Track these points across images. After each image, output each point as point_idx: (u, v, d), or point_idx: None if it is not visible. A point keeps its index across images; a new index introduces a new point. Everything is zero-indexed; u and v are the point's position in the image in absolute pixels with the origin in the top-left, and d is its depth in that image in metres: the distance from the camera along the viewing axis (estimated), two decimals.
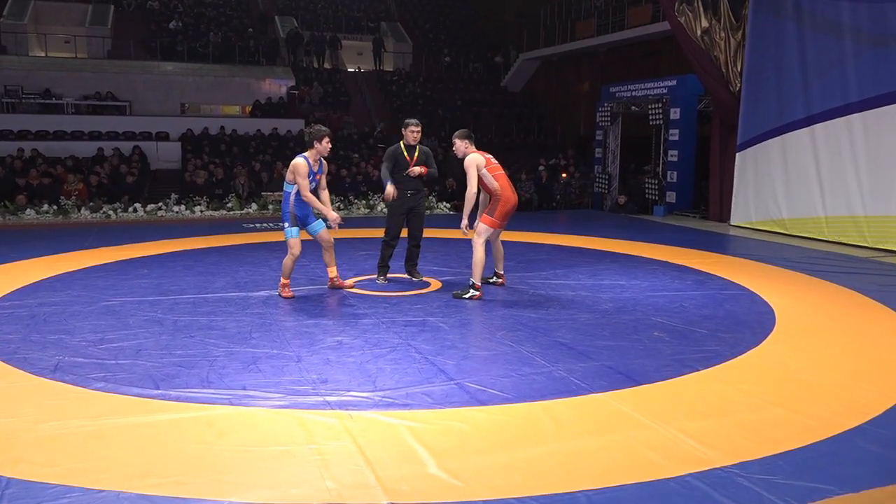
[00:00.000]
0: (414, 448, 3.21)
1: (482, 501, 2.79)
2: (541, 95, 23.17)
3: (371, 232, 10.13)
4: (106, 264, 7.77)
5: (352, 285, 6.71)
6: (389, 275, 7.05)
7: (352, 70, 23.67)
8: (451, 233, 9.73)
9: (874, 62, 9.40)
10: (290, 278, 6.33)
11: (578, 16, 20.60)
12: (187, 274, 7.27)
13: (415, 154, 6.79)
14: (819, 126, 10.27)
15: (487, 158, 6.32)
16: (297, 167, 5.96)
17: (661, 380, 4.19)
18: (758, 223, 11.45)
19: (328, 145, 6.10)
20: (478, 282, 6.23)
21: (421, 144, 6.91)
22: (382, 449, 3.20)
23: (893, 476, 3.03)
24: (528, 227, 10.97)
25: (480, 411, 3.66)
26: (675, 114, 13.42)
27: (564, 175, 16.19)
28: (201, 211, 12.77)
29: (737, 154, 11.97)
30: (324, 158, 6.19)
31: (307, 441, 3.28)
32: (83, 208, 12.24)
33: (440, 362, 4.45)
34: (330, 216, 6.11)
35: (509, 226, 6.73)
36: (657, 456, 3.16)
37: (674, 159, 13.57)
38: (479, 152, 6.33)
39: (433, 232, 8.29)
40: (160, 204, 12.78)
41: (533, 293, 6.53)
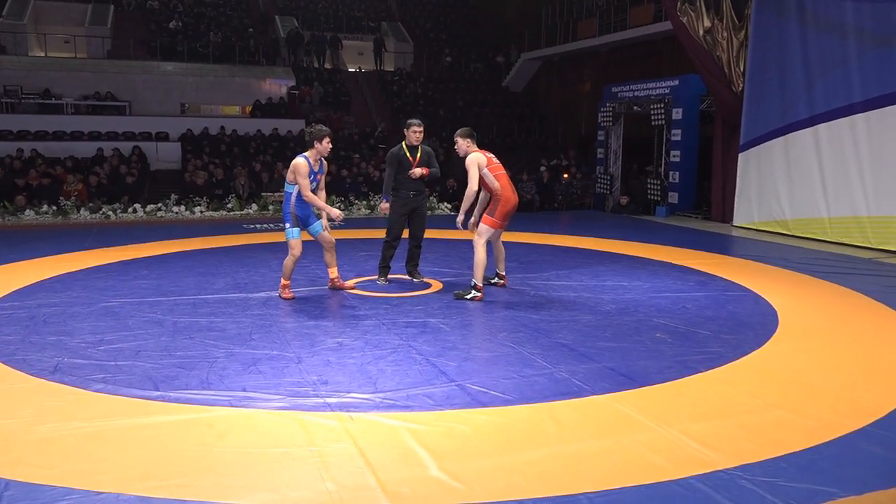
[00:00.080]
0: (415, 450, 3.21)
1: None
2: (542, 95, 23.18)
3: (372, 233, 10.13)
4: (105, 265, 7.77)
5: (352, 286, 6.71)
6: (390, 276, 7.05)
7: (352, 70, 23.69)
8: (453, 233, 9.72)
9: (878, 62, 9.39)
10: (291, 279, 6.33)
11: (580, 15, 20.60)
12: (187, 275, 7.27)
13: (417, 154, 6.80)
14: (822, 126, 10.26)
15: (489, 158, 6.31)
16: (298, 167, 5.96)
17: (664, 381, 4.19)
18: (761, 224, 11.44)
19: (329, 145, 6.10)
20: (479, 283, 6.23)
21: (423, 145, 6.92)
22: (383, 451, 3.20)
23: None
24: (530, 228, 10.97)
25: (482, 413, 3.66)
26: (678, 114, 13.41)
27: (566, 175, 16.20)
28: (201, 212, 12.78)
29: (739, 154, 11.96)
30: (324, 158, 6.21)
31: (307, 443, 3.28)
32: (83, 209, 12.25)
33: (441, 364, 4.45)
34: (332, 213, 6.11)
35: (511, 227, 6.73)
36: (659, 458, 3.16)
37: (676, 160, 13.57)
38: (481, 151, 6.33)
39: (434, 233, 8.29)
40: (160, 204, 12.78)
41: (534, 294, 6.53)
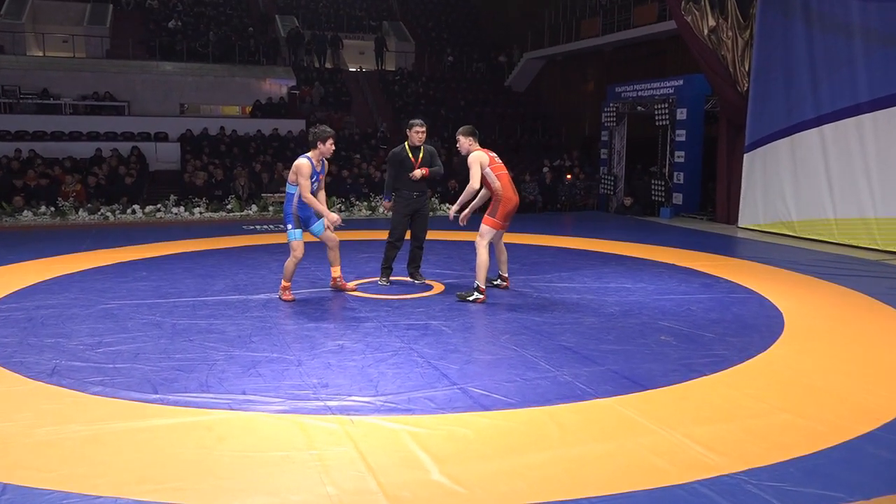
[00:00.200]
0: (416, 454, 3.21)
1: None
2: (545, 95, 23.19)
3: (373, 234, 10.13)
4: (104, 266, 7.78)
5: (353, 288, 6.71)
6: (392, 277, 7.05)
7: (353, 70, 23.72)
8: (455, 234, 9.72)
9: (884, 62, 9.38)
10: (291, 281, 6.33)
11: (583, 14, 20.62)
12: (186, 276, 7.27)
13: (419, 155, 6.81)
14: (828, 126, 10.25)
15: (491, 157, 6.31)
16: (300, 167, 5.95)
17: (668, 385, 4.18)
18: (766, 225, 11.43)
19: (332, 147, 6.10)
20: (482, 284, 6.22)
21: (425, 145, 6.92)
22: (384, 454, 3.20)
23: None
24: (533, 229, 10.97)
25: (484, 416, 3.66)
26: (682, 114, 13.40)
27: (569, 176, 16.20)
28: (200, 213, 12.79)
29: (745, 155, 11.95)
30: (325, 159, 6.21)
31: (308, 446, 3.28)
32: (81, 210, 12.26)
33: (443, 366, 4.44)
34: (329, 217, 6.09)
35: (513, 228, 6.74)
36: (664, 462, 3.16)
37: (680, 160, 13.56)
38: (484, 150, 6.33)
39: (436, 234, 8.29)
40: (159, 205, 12.79)
41: (537, 296, 6.52)
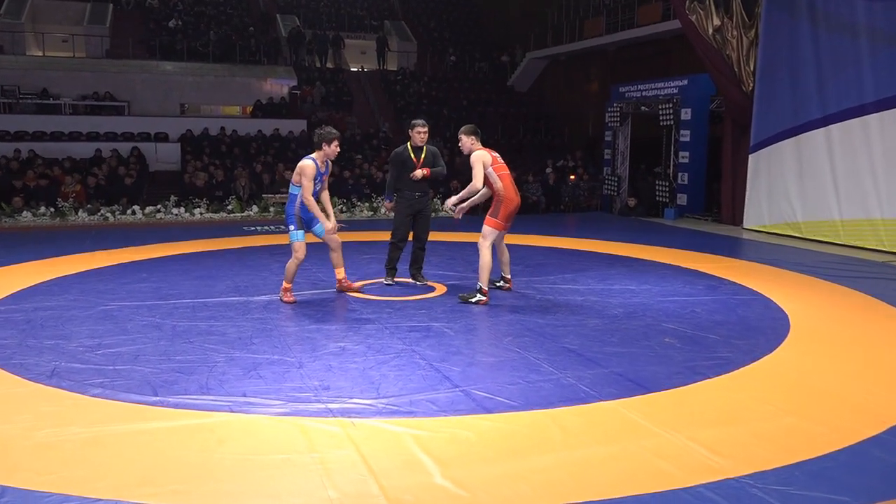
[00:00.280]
0: (418, 457, 3.21)
1: None
2: (548, 95, 23.18)
3: (374, 235, 10.14)
4: (104, 268, 7.79)
5: (360, 288, 6.70)
6: (395, 278, 7.08)
7: (355, 69, 23.74)
8: (457, 236, 9.73)
9: (891, 62, 9.37)
10: (293, 282, 6.33)
11: (587, 14, 20.62)
12: (186, 278, 7.28)
13: (422, 155, 6.82)
14: (835, 127, 10.24)
15: (494, 157, 6.31)
16: (305, 168, 5.95)
17: (672, 387, 4.18)
18: (771, 226, 11.42)
19: (337, 149, 6.12)
20: (485, 286, 6.22)
21: (428, 145, 6.93)
22: (386, 458, 3.20)
23: None
24: (536, 231, 10.96)
25: (486, 419, 3.66)
26: (687, 114, 13.39)
27: (572, 177, 16.19)
28: (201, 213, 12.80)
29: (750, 155, 11.94)
30: (330, 161, 6.22)
31: (309, 449, 3.28)
32: (80, 210, 12.28)
33: (445, 369, 4.45)
34: (326, 225, 6.07)
35: (516, 229, 6.74)
36: (668, 465, 3.16)
37: (685, 161, 13.54)
38: (486, 150, 6.34)
39: (438, 235, 8.29)
40: (159, 206, 12.81)
41: (540, 298, 6.52)
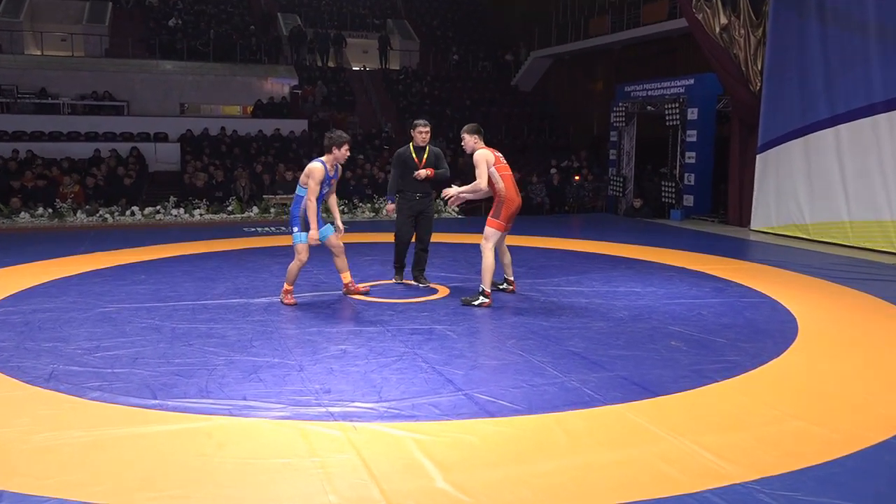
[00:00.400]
0: (420, 461, 3.21)
1: None
2: (553, 95, 23.19)
3: (376, 236, 10.14)
4: (102, 269, 7.80)
5: (367, 290, 6.71)
6: (395, 282, 7.11)
7: (357, 69, 23.77)
8: (460, 237, 9.73)
9: None
10: (294, 284, 6.34)
11: (592, 12, 20.63)
12: (186, 280, 7.29)
13: (424, 155, 6.83)
14: (843, 126, 10.22)
15: (497, 157, 6.32)
16: (313, 171, 5.98)
17: (679, 391, 4.17)
18: (779, 228, 11.40)
19: (347, 153, 6.16)
20: (487, 288, 6.22)
21: (431, 146, 6.95)
22: (387, 462, 3.20)
23: None
24: (540, 232, 10.95)
25: (489, 423, 3.66)
26: (693, 114, 13.39)
27: (577, 177, 16.20)
28: (201, 214, 12.82)
29: (757, 156, 11.92)
30: (339, 164, 6.27)
31: (309, 453, 3.28)
32: (79, 211, 12.31)
33: (448, 372, 4.45)
34: (311, 235, 6.00)
35: (520, 230, 6.74)
36: (674, 470, 3.15)
37: (691, 161, 13.54)
38: (489, 149, 6.34)
39: (441, 236, 8.30)
40: (158, 207, 12.84)
41: (544, 300, 6.52)
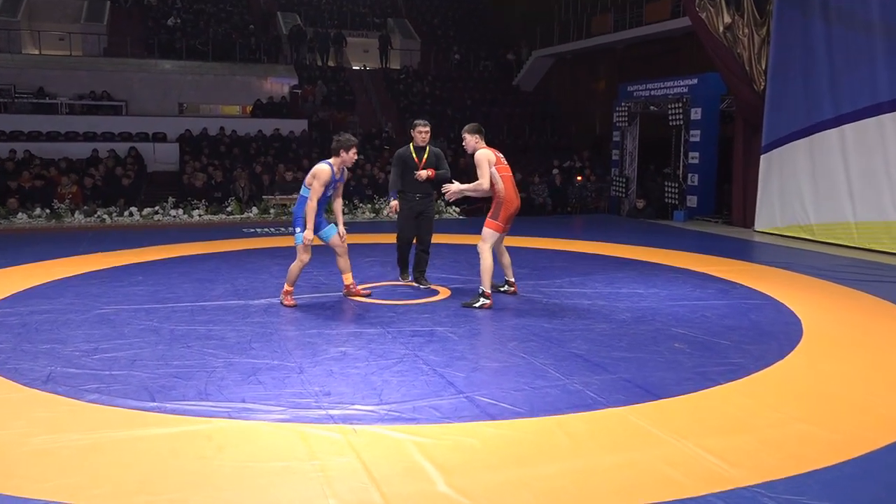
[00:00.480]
0: (421, 464, 3.21)
1: None
2: (555, 94, 23.19)
3: (376, 237, 10.14)
4: (100, 271, 7.81)
5: (368, 293, 6.71)
6: (396, 283, 7.12)
7: (357, 68, 23.78)
8: (461, 238, 9.73)
9: None
10: (294, 285, 6.34)
11: (594, 11, 20.64)
12: (185, 281, 7.30)
13: (424, 156, 6.84)
14: (848, 126, 10.22)
15: (498, 157, 6.33)
16: (320, 172, 6.02)
17: (682, 394, 4.17)
18: (784, 229, 11.39)
19: (354, 156, 6.24)
20: (487, 289, 6.22)
21: (432, 146, 6.96)
22: (388, 465, 3.20)
23: None
24: (542, 233, 10.95)
25: (491, 426, 3.66)
26: (696, 114, 13.39)
27: (579, 178, 16.19)
28: (199, 215, 12.83)
29: (761, 156, 11.92)
30: (346, 168, 6.31)
31: (309, 456, 3.29)
32: (77, 212, 12.32)
33: (449, 374, 4.45)
34: (306, 234, 6.01)
35: (521, 231, 6.74)
36: (677, 474, 3.15)
37: (695, 162, 13.54)
38: (490, 149, 6.35)
39: (442, 237, 8.30)
40: (157, 208, 12.85)
41: (546, 302, 6.52)
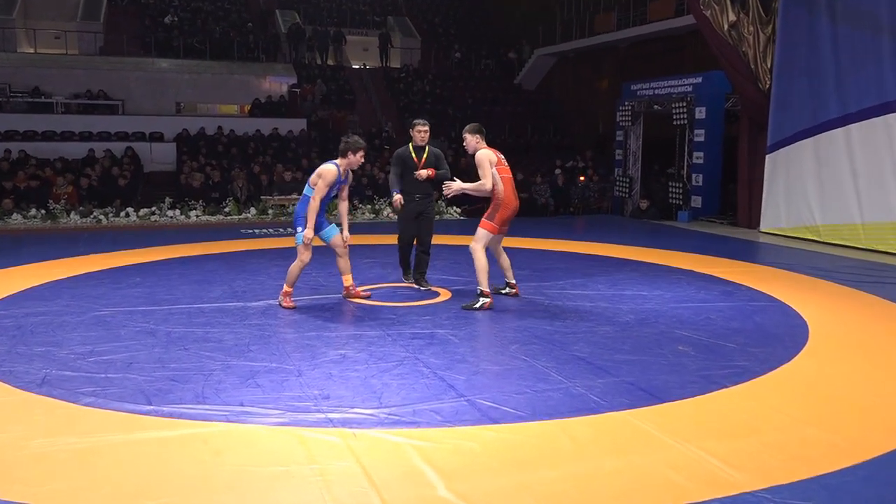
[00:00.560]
0: (421, 469, 3.21)
1: None
2: (557, 93, 23.19)
3: (376, 238, 10.14)
4: (96, 272, 7.81)
5: (368, 295, 6.72)
6: (396, 285, 7.12)
7: (357, 67, 23.79)
8: (463, 239, 9.71)
9: None
10: (294, 287, 6.33)
11: (597, 9, 20.63)
12: (182, 283, 7.30)
13: (423, 155, 6.84)
14: (855, 126, 10.22)
15: (499, 158, 6.34)
16: (326, 172, 6.04)
17: (686, 397, 4.17)
18: (789, 230, 11.39)
19: (361, 159, 6.27)
20: (486, 289, 6.23)
21: (431, 146, 6.96)
22: (388, 469, 3.20)
23: None
24: (544, 234, 10.94)
25: (492, 430, 3.66)
26: (701, 113, 13.39)
27: (582, 178, 16.18)
28: (197, 216, 12.84)
29: (767, 156, 11.92)
30: (351, 170, 6.34)
31: (308, 461, 3.28)
32: (73, 213, 12.32)
33: (450, 377, 4.45)
34: (306, 233, 6.06)
35: (523, 232, 6.74)
36: (681, 478, 3.15)
37: (699, 161, 13.54)
38: (491, 150, 6.35)
39: (443, 238, 8.30)
40: (154, 208, 12.85)
41: (549, 304, 6.52)
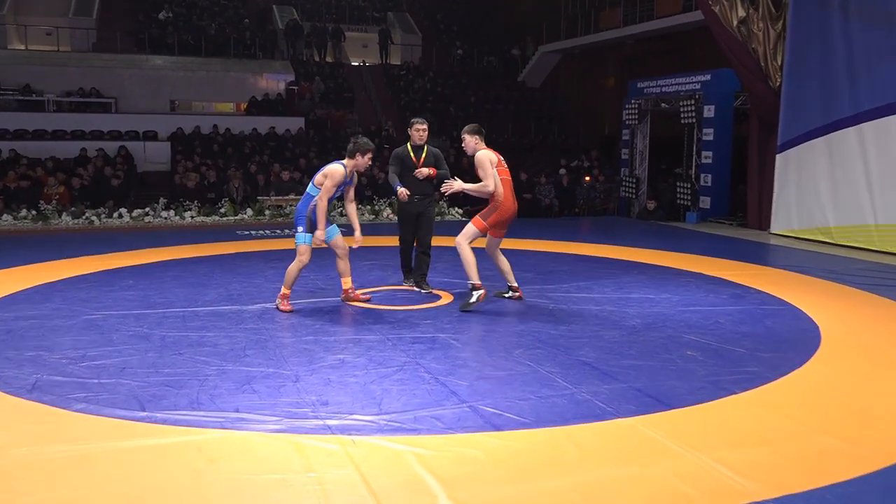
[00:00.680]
0: (422, 477, 3.20)
1: None
2: (562, 91, 23.22)
3: (376, 240, 10.13)
4: (88, 275, 7.81)
5: (368, 299, 6.72)
6: (395, 288, 7.12)
7: (356, 64, 23.83)
8: None
9: None
10: (292, 289, 6.33)
11: (602, 5, 20.66)
12: (176, 285, 7.30)
13: (422, 155, 6.85)
14: (868, 125, 10.21)
15: (499, 159, 6.35)
16: (333, 172, 6.07)
17: (695, 404, 4.16)
18: (800, 231, 11.38)
19: (369, 162, 6.31)
20: (476, 280, 6.24)
21: (431, 146, 6.97)
22: (388, 478, 3.19)
23: None
24: (549, 236, 10.94)
25: (495, 437, 3.65)
26: (709, 111, 13.40)
27: (588, 178, 16.20)
28: (192, 217, 12.85)
29: (777, 155, 11.92)
30: (356, 172, 6.36)
31: (305, 469, 3.28)
32: (64, 214, 12.33)
33: (451, 383, 4.44)
34: (317, 235, 6.11)
35: (528, 234, 6.74)
36: (690, 488, 3.14)
37: (708, 161, 13.54)
38: (491, 150, 6.36)
39: (443, 240, 8.28)
40: (147, 209, 12.86)
41: (553, 308, 6.52)
